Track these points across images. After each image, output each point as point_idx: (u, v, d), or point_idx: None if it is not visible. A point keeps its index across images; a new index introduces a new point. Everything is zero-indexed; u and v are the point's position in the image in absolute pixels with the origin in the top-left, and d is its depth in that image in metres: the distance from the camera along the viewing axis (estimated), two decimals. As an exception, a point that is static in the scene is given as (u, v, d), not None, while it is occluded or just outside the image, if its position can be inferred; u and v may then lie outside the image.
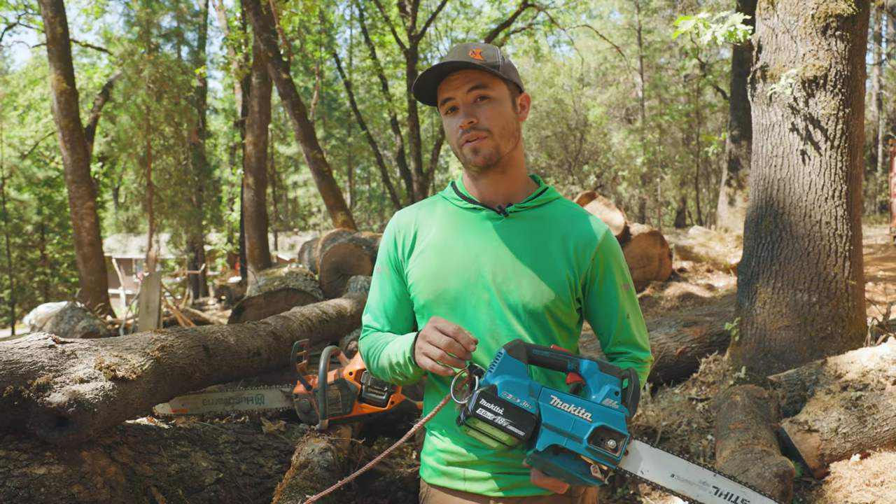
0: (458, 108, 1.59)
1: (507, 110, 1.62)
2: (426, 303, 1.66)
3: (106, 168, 25.04)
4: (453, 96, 1.59)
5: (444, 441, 1.68)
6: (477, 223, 1.66)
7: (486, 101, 1.59)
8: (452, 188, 1.75)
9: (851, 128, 4.23)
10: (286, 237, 36.07)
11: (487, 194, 1.68)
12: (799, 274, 4.26)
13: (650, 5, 28.98)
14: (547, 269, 1.60)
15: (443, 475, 1.68)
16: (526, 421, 1.38)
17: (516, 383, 1.40)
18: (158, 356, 2.62)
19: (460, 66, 1.56)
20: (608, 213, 9.00)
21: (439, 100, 1.63)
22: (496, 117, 1.59)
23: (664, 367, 4.87)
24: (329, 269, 7.25)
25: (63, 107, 13.01)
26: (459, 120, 1.59)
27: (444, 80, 1.59)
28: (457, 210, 1.70)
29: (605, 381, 1.43)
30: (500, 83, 1.61)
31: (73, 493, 2.13)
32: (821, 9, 4.20)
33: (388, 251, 1.74)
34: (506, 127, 1.61)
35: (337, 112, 33.08)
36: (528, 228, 1.64)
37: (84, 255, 13.36)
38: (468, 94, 1.58)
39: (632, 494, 3.61)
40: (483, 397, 1.37)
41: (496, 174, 1.65)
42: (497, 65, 1.58)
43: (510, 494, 1.60)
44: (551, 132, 29.75)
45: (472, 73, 1.57)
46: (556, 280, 1.60)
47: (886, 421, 3.24)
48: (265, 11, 11.93)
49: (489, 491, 1.61)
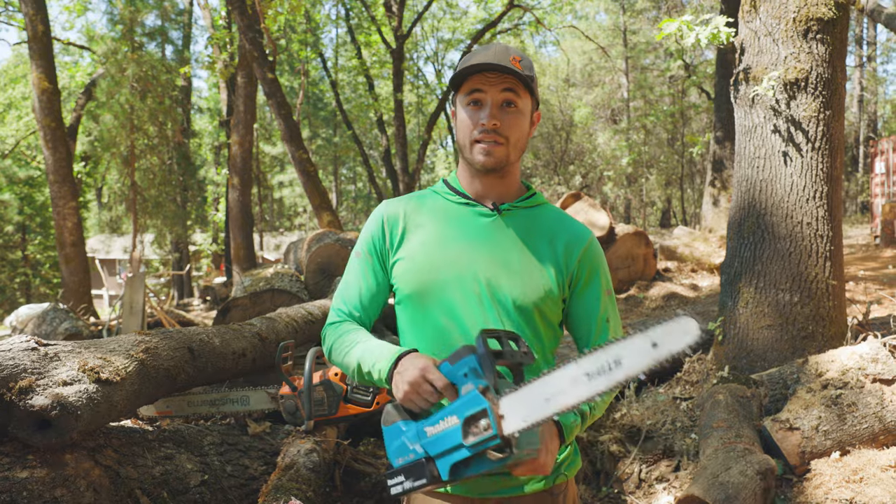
0: (485, 104, 1.60)
1: (526, 124, 1.65)
2: (412, 293, 1.65)
3: (89, 168, 24.80)
4: (485, 91, 1.60)
5: None
6: (470, 219, 1.68)
7: (513, 108, 1.61)
8: (444, 184, 1.76)
9: (832, 130, 4.28)
10: (272, 237, 35.92)
11: (482, 192, 1.70)
12: (781, 274, 4.30)
13: (635, 7, 29.15)
14: (537, 267, 1.63)
15: None
16: (420, 468, 1.40)
17: (399, 444, 1.44)
18: (143, 358, 2.61)
19: (504, 70, 1.56)
20: (593, 213, 9.04)
21: (465, 88, 1.62)
22: (516, 128, 1.62)
23: (648, 367, 4.90)
24: (315, 270, 7.23)
25: (45, 106, 12.88)
26: (482, 116, 1.60)
27: (480, 73, 1.59)
28: (449, 205, 1.71)
29: (460, 369, 1.38)
30: (528, 96, 1.64)
31: (56, 497, 2.11)
32: (802, 12, 4.25)
33: (374, 238, 1.72)
34: (520, 139, 1.65)
35: (323, 112, 32.98)
36: (520, 227, 1.67)
37: (66, 255, 13.24)
38: (500, 94, 1.59)
39: (616, 493, 3.64)
40: (387, 478, 1.46)
41: (496, 177, 1.68)
42: (532, 77, 1.62)
43: (492, 496, 1.61)
44: (537, 132, 29.83)
45: (509, 77, 1.59)
46: (546, 278, 1.63)
47: (865, 418, 3.29)
48: (250, 10, 11.87)
49: (470, 493, 1.62)
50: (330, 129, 33.19)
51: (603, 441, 3.84)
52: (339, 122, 30.82)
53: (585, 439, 3.82)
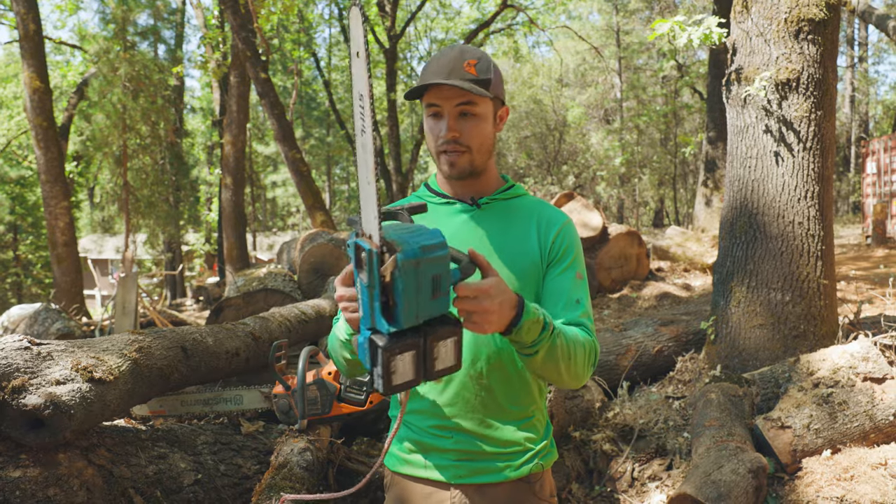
0: (443, 116, 1.65)
1: (488, 127, 1.68)
2: None
3: (81, 167, 24.68)
4: (441, 105, 1.64)
5: (408, 430, 1.74)
6: (451, 215, 1.74)
7: (470, 116, 1.64)
8: (426, 187, 1.83)
9: (823, 130, 4.31)
10: (265, 237, 35.84)
11: (461, 192, 1.77)
12: (772, 273, 4.33)
13: (628, 7, 29.23)
14: (519, 253, 1.69)
15: (405, 463, 1.74)
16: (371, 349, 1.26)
17: (361, 351, 1.28)
18: (136, 357, 2.60)
19: (455, 86, 1.59)
20: (587, 213, 9.06)
21: (424, 99, 1.67)
22: (477, 135, 1.66)
23: (641, 366, 4.92)
24: (308, 270, 7.23)
25: (36, 105, 12.81)
26: (442, 128, 1.64)
27: (435, 85, 1.62)
28: (431, 206, 1.77)
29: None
30: (486, 100, 1.66)
31: (49, 496, 2.11)
32: (793, 13, 4.27)
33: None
34: (484, 143, 1.68)
35: (316, 111, 32.95)
36: (500, 217, 1.74)
37: (58, 255, 13.17)
38: (455, 107, 1.63)
39: (609, 492, 3.65)
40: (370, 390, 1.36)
41: (470, 180, 1.74)
42: (489, 80, 1.64)
43: (470, 481, 1.67)
44: (530, 132, 29.91)
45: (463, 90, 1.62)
46: (528, 262, 1.68)
47: (856, 417, 3.31)
48: (243, 10, 11.85)
49: (450, 478, 1.67)
50: (323, 129, 33.17)
51: (596, 440, 3.85)
52: (332, 122, 30.78)
53: (578, 438, 3.83)
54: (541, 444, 1.73)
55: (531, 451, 1.70)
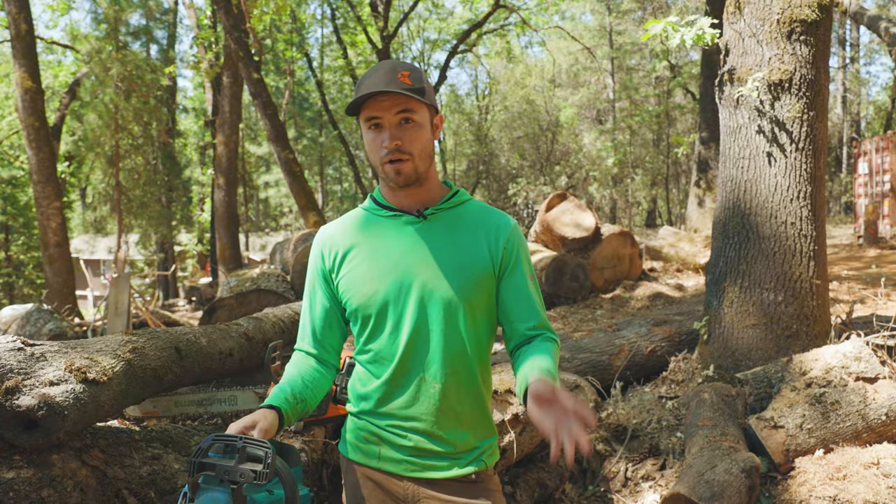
0: (384, 127, 1.69)
1: (427, 134, 1.74)
2: (358, 307, 1.77)
3: (73, 168, 24.55)
4: (381, 115, 1.68)
5: (362, 421, 1.83)
6: (398, 228, 1.78)
7: (410, 123, 1.69)
8: (371, 199, 1.87)
9: (815, 130, 4.33)
10: (257, 238, 35.76)
11: (406, 203, 1.80)
12: (765, 273, 4.35)
13: (621, 7, 29.28)
14: (468, 262, 1.74)
15: (359, 452, 1.83)
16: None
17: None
18: (130, 358, 2.60)
19: (392, 93, 1.65)
20: (579, 213, 9.07)
21: (363, 115, 1.71)
22: (418, 141, 1.70)
23: (634, 366, 4.93)
24: (301, 270, 7.22)
25: (28, 105, 12.76)
26: (384, 139, 1.68)
27: (373, 98, 1.67)
28: (378, 219, 1.82)
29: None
30: (423, 107, 1.72)
31: (42, 497, 2.10)
32: (786, 14, 4.29)
33: (316, 264, 1.87)
34: (424, 149, 1.73)
35: (308, 112, 32.91)
36: (447, 227, 1.78)
37: (50, 256, 13.12)
38: (395, 116, 1.68)
39: (602, 492, 3.66)
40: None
41: (415, 187, 1.77)
42: (423, 89, 1.70)
43: (421, 476, 1.76)
44: (523, 133, 29.93)
45: (401, 98, 1.67)
46: (478, 271, 1.74)
47: (849, 416, 3.33)
48: (236, 10, 11.82)
49: (402, 471, 1.77)
50: (316, 129, 33.12)
51: (589, 440, 3.86)
52: (324, 122, 30.75)
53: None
54: (486, 444, 1.83)
55: (478, 451, 1.80)
